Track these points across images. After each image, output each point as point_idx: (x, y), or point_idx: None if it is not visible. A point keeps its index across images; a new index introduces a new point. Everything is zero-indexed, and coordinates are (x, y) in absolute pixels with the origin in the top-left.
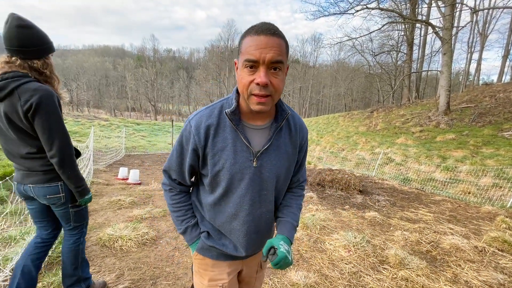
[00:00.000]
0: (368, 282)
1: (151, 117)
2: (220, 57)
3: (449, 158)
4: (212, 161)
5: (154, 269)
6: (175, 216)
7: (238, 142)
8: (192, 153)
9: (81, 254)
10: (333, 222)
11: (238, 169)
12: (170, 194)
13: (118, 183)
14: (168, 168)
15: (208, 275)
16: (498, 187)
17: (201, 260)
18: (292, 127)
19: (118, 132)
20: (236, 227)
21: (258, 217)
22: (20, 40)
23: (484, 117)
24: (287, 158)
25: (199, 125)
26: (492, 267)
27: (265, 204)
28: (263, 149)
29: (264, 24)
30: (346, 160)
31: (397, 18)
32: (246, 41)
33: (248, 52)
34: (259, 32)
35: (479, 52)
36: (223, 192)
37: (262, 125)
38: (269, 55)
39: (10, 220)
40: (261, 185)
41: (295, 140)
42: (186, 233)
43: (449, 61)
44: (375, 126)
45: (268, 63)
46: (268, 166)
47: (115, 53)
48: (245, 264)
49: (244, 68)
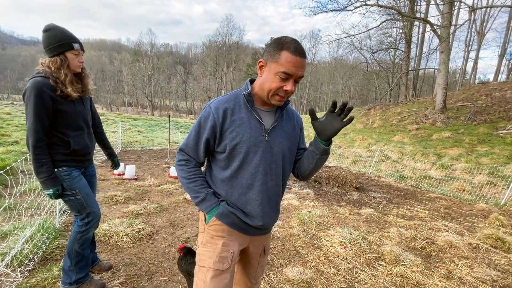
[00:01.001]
0: (364, 278)
1: (148, 112)
2: (218, 53)
3: (445, 156)
4: (231, 136)
5: (150, 265)
6: (192, 186)
7: (252, 119)
8: (210, 130)
9: (74, 245)
10: (329, 218)
11: (253, 143)
12: (186, 167)
13: (114, 178)
14: (185, 146)
15: (222, 239)
16: (492, 185)
17: (219, 226)
18: (290, 115)
19: (114, 127)
20: (251, 197)
21: (270, 189)
22: (42, 43)
23: (480, 115)
24: (289, 139)
25: (218, 107)
26: (485, 264)
27: (275, 177)
28: (271, 127)
29: (298, 45)
30: (342, 157)
31: (395, 16)
32: (284, 56)
33: (286, 66)
34: (296, 53)
35: (476, 51)
36: (240, 163)
37: (270, 109)
38: (300, 73)
39: (3, 215)
40: (271, 158)
41: (294, 126)
42: (206, 199)
43: (447, 59)
44: (372, 124)
45: (297, 78)
46: (276, 142)
47: (111, 47)
48: (251, 242)
49: (278, 76)
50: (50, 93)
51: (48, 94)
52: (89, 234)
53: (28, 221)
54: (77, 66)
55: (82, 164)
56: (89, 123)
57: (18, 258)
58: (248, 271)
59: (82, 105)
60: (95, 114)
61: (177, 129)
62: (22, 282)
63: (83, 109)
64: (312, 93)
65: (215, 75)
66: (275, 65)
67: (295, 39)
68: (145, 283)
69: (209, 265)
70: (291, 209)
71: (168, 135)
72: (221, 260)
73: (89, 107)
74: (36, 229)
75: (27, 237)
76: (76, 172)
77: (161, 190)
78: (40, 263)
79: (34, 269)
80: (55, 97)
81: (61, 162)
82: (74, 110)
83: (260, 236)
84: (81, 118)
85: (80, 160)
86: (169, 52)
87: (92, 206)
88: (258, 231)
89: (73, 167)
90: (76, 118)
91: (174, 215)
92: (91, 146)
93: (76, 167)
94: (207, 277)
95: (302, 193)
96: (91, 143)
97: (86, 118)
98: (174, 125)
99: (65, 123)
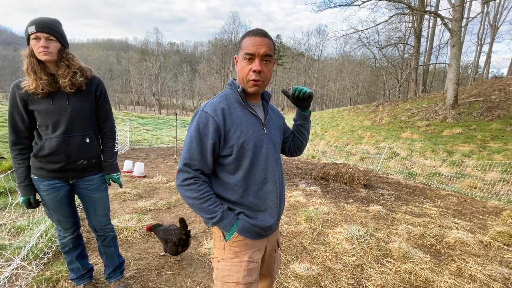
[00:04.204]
0: (371, 275)
1: (155, 111)
2: (224, 51)
3: (456, 153)
4: (236, 136)
5: (159, 260)
6: (206, 206)
7: (249, 115)
8: (214, 133)
9: (61, 249)
10: (336, 215)
11: (257, 137)
12: (195, 186)
13: (123, 175)
14: (189, 159)
15: (247, 254)
16: (505, 182)
17: (241, 242)
18: (272, 107)
19: (122, 125)
20: (268, 189)
21: (279, 178)
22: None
23: (493, 111)
24: (278, 129)
25: (215, 109)
26: (497, 261)
27: (279, 166)
28: (266, 119)
29: (258, 29)
30: (350, 154)
31: (405, 9)
32: (245, 41)
33: (247, 47)
34: (255, 34)
35: (489, 44)
36: (251, 160)
37: (258, 103)
38: (262, 50)
39: (18, 211)
40: (274, 149)
41: (278, 117)
42: (223, 217)
43: (458, 53)
44: (380, 120)
45: (261, 56)
46: (272, 133)
47: (119, 47)
48: (268, 241)
49: (244, 59)
50: (20, 93)
51: (19, 95)
52: (65, 240)
53: (42, 216)
54: (41, 53)
55: (62, 175)
56: (76, 124)
57: (33, 252)
58: (267, 267)
59: (65, 103)
60: (101, 114)
61: (184, 127)
62: (38, 275)
63: (65, 107)
64: (319, 90)
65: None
66: (241, 52)
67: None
68: (155, 277)
69: (238, 280)
70: (298, 206)
71: (176, 133)
72: (249, 273)
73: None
74: (50, 223)
75: (42, 231)
76: (44, 186)
77: (169, 187)
78: (54, 256)
79: (49, 262)
80: (25, 96)
81: (32, 169)
82: (46, 109)
83: (274, 232)
84: (56, 118)
85: (56, 170)
86: (175, 50)
87: (59, 223)
88: (273, 229)
89: (45, 177)
90: (49, 117)
91: (182, 212)
92: (71, 153)
93: (52, 178)
94: None
95: (309, 190)
96: (76, 149)
97: (66, 117)
98: (181, 124)
99: (40, 124)
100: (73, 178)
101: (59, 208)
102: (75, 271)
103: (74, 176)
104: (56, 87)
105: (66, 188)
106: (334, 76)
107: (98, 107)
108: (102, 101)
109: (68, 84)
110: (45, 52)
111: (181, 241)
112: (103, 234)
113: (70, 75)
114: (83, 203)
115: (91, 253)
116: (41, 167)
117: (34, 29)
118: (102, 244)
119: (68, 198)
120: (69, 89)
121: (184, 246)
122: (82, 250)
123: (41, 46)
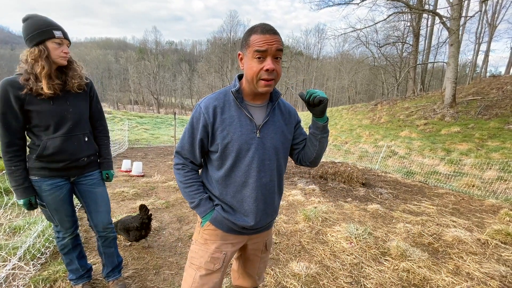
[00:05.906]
0: (369, 273)
1: (154, 110)
2: (223, 49)
3: (454, 151)
4: (222, 135)
5: (157, 259)
6: (188, 191)
7: (242, 117)
8: (202, 130)
9: (60, 251)
10: (335, 214)
11: (245, 140)
12: (183, 172)
13: (122, 175)
14: (180, 148)
15: (216, 243)
16: (503, 180)
17: (212, 231)
18: (283, 109)
19: (121, 125)
20: (246, 193)
21: (264, 185)
22: (22, 34)
23: (491, 109)
24: (281, 133)
25: (208, 106)
26: (494, 260)
27: (269, 173)
28: (263, 122)
29: (266, 25)
30: (349, 153)
31: (403, 8)
32: (253, 38)
33: (257, 45)
34: (264, 31)
35: (487, 43)
36: (232, 162)
37: (261, 104)
38: (274, 47)
39: (14, 211)
40: (264, 155)
41: (288, 122)
42: (200, 205)
43: (456, 52)
44: (379, 119)
45: (274, 53)
46: (268, 137)
47: (117, 46)
48: (250, 240)
49: (254, 58)
50: (16, 92)
51: (13, 94)
52: (64, 241)
53: (39, 216)
54: (62, 58)
55: (65, 173)
56: (77, 124)
57: (30, 252)
58: (250, 267)
59: (66, 103)
60: (95, 114)
61: (182, 126)
62: (35, 275)
63: (66, 107)
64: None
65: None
66: (249, 50)
67: (263, 23)
68: (153, 277)
69: (200, 264)
70: (297, 205)
71: (174, 133)
72: (212, 261)
73: (83, 105)
74: (48, 223)
75: (39, 231)
76: (47, 185)
77: (167, 187)
78: (51, 256)
79: (46, 263)
80: (22, 96)
81: (33, 170)
82: (48, 110)
83: (259, 234)
84: (59, 118)
85: (59, 169)
86: (174, 49)
87: (61, 223)
88: (254, 230)
89: (48, 177)
90: (51, 118)
91: (180, 211)
92: (74, 151)
93: (55, 176)
94: (196, 274)
95: (307, 189)
96: (78, 147)
97: (68, 117)
98: (179, 123)
99: (38, 124)
100: (74, 175)
101: (61, 207)
102: (74, 272)
103: (76, 173)
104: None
105: (67, 187)
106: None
107: (92, 107)
108: (95, 102)
109: (77, 85)
110: (66, 57)
111: (143, 225)
112: (105, 235)
113: (79, 76)
114: (84, 201)
115: (89, 253)
116: (43, 167)
117: (61, 34)
118: (102, 244)
119: (69, 196)
120: (77, 90)
121: (146, 229)
122: (81, 250)
123: (64, 52)
